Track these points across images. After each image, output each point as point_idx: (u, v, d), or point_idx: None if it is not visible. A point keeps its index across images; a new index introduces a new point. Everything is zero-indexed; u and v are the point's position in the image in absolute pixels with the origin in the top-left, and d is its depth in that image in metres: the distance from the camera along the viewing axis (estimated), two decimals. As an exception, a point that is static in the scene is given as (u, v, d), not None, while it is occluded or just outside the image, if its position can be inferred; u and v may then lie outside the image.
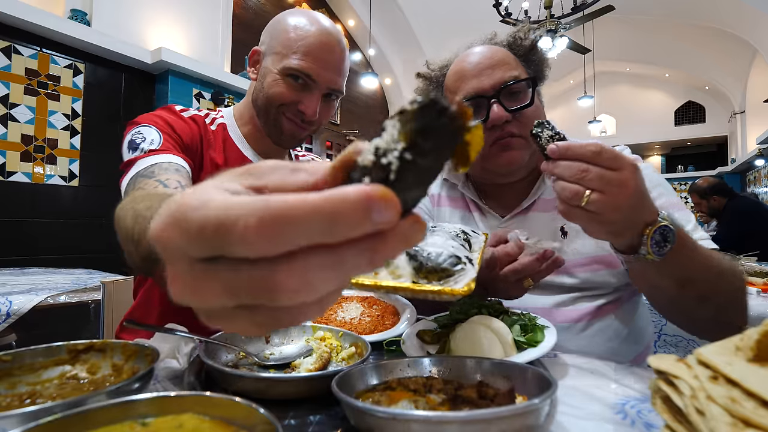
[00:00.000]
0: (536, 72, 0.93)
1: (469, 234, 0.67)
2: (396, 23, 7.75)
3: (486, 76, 0.87)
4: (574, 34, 6.44)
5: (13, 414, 0.34)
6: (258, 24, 6.00)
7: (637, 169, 0.57)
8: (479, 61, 0.89)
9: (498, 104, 0.85)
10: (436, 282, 0.45)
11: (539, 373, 0.46)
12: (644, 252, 0.60)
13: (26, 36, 3.17)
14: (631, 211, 0.57)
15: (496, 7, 4.97)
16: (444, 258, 0.47)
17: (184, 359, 0.59)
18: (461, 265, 0.47)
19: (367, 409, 0.39)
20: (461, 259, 0.48)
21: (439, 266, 0.46)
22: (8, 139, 3.05)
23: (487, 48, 0.91)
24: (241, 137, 1.00)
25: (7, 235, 2.97)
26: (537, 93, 0.91)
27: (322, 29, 0.90)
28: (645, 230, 0.59)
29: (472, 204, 1.03)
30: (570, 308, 0.88)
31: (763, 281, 1.69)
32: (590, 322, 0.87)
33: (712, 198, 3.75)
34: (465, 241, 0.61)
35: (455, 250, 0.50)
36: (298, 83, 0.89)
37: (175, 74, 3.97)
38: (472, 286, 0.43)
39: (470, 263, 0.49)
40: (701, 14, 7.20)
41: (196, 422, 0.36)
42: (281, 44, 0.90)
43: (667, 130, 11.33)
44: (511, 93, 0.87)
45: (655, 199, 0.79)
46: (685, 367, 0.33)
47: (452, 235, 0.60)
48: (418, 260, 0.46)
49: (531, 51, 0.92)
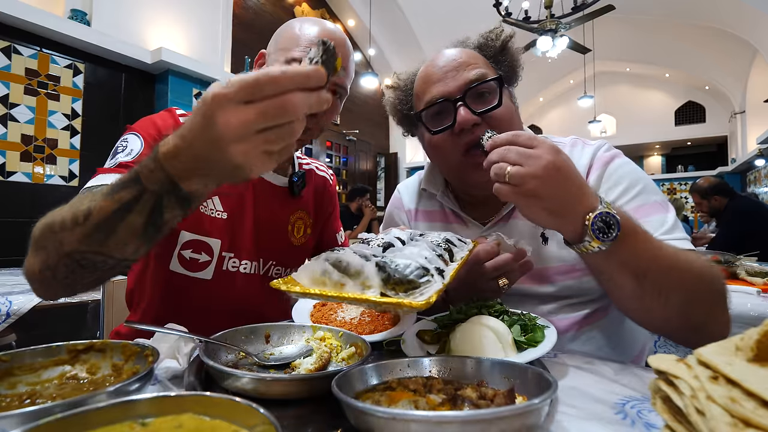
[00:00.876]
0: (507, 73, 0.89)
1: (454, 243, 0.68)
2: (396, 23, 7.74)
3: (451, 78, 0.84)
4: (574, 34, 6.44)
5: (13, 414, 0.34)
6: (258, 24, 5.99)
7: (556, 150, 0.60)
8: (444, 64, 0.86)
9: (464, 107, 0.81)
10: (402, 293, 0.46)
11: (539, 373, 0.46)
12: (588, 239, 0.60)
13: (26, 36, 3.17)
14: (557, 188, 0.59)
15: (496, 7, 4.97)
16: (411, 270, 0.48)
17: (184, 359, 0.59)
18: (428, 277, 0.48)
19: (367, 409, 0.39)
20: (429, 271, 0.49)
21: (406, 278, 0.47)
22: (8, 139, 3.05)
23: (455, 50, 0.89)
24: None
25: (7, 235, 2.97)
26: (509, 93, 0.88)
27: (326, 28, 0.92)
28: (585, 217, 0.60)
29: (452, 214, 1.00)
30: (557, 318, 0.87)
31: (763, 281, 1.69)
32: (579, 331, 0.86)
33: (713, 198, 3.75)
34: (446, 250, 0.62)
35: (426, 262, 0.51)
36: None
37: (175, 74, 3.97)
38: (431, 300, 0.44)
39: (439, 275, 0.50)
40: (701, 14, 7.20)
41: (196, 422, 0.36)
42: (286, 40, 0.90)
43: (667, 130, 11.33)
44: (478, 94, 0.83)
45: (633, 198, 0.80)
46: (685, 367, 0.33)
47: (433, 245, 0.60)
48: (387, 271, 0.47)
49: (501, 52, 0.89)
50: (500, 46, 0.89)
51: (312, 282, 0.51)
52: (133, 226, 0.53)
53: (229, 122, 0.43)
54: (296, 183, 1.01)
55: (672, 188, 9.93)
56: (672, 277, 0.64)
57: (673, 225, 0.77)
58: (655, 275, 0.64)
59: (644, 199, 0.81)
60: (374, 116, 8.93)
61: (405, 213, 1.09)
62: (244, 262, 0.95)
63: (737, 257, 1.99)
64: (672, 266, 0.65)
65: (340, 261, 0.50)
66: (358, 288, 0.48)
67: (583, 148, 0.91)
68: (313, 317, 0.81)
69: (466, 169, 0.86)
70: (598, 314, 0.87)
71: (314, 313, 0.83)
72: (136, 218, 0.53)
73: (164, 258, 0.89)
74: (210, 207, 0.90)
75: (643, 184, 0.82)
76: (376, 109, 9.01)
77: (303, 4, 7.05)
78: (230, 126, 0.43)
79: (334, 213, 1.20)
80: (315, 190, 1.13)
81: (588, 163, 0.87)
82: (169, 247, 0.88)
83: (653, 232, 0.70)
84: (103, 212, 0.53)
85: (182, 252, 0.88)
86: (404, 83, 0.99)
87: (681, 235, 0.75)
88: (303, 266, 0.53)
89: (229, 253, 0.93)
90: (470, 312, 0.70)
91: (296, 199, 1.04)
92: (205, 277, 0.91)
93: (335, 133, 7.69)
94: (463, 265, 0.63)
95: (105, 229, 0.54)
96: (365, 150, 8.60)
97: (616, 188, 0.82)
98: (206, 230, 0.89)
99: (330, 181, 1.20)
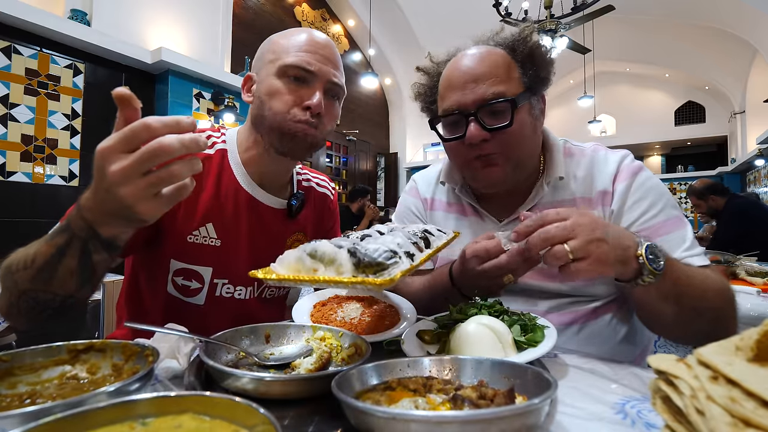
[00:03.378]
0: (534, 79, 0.87)
1: (432, 233, 0.69)
2: (396, 23, 7.74)
3: (469, 90, 0.83)
4: (574, 34, 6.44)
5: (13, 414, 0.34)
6: (258, 24, 5.99)
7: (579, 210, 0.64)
8: (466, 70, 0.85)
9: (476, 122, 0.82)
10: (372, 275, 0.49)
11: (539, 373, 0.46)
12: (646, 273, 0.63)
13: (26, 36, 3.17)
14: (611, 236, 0.62)
15: (496, 7, 4.97)
16: (380, 253, 0.51)
17: (184, 359, 0.59)
18: (395, 259, 0.51)
19: (367, 409, 0.39)
20: (397, 253, 0.52)
21: (375, 261, 0.50)
22: (8, 139, 3.05)
23: (480, 53, 0.87)
24: (240, 164, 0.94)
25: (7, 235, 2.97)
26: (528, 107, 0.86)
27: (310, 32, 0.91)
28: (636, 253, 0.63)
29: (470, 208, 1.01)
30: (564, 312, 0.87)
31: (763, 281, 1.69)
32: (584, 324, 0.87)
33: (710, 198, 3.82)
34: (422, 239, 0.64)
35: (396, 247, 0.54)
36: (296, 82, 0.86)
37: (175, 74, 3.97)
38: (395, 278, 0.47)
39: (408, 257, 0.53)
40: (701, 14, 7.20)
41: (195, 422, 0.36)
42: (273, 52, 0.89)
43: (667, 130, 11.32)
44: (493, 112, 0.83)
45: (659, 213, 0.84)
46: (685, 367, 0.33)
47: (409, 235, 0.63)
48: (357, 256, 0.50)
49: (529, 58, 0.87)
50: (527, 51, 0.87)
51: (288, 270, 0.54)
52: (69, 267, 0.60)
53: (113, 171, 0.49)
54: (294, 206, 0.99)
55: (672, 188, 9.93)
56: (706, 299, 0.70)
57: (693, 241, 0.82)
58: (691, 299, 0.69)
59: (668, 213, 0.84)
60: (374, 116, 8.93)
61: (421, 201, 1.10)
62: (239, 288, 0.94)
63: (737, 257, 1.99)
64: (705, 289, 0.70)
65: (316, 250, 0.53)
66: (331, 272, 0.51)
67: (607, 154, 0.93)
68: (313, 317, 0.81)
69: (472, 170, 0.89)
70: (606, 308, 0.88)
71: (314, 313, 0.83)
72: (71, 261, 0.60)
73: (160, 281, 0.89)
74: (203, 234, 0.88)
75: (666, 199, 0.86)
76: (376, 109, 9.01)
77: (303, 5, 7.05)
78: (115, 174, 0.49)
79: (335, 227, 1.17)
80: (314, 209, 1.10)
81: (614, 171, 0.89)
82: (162, 273, 0.89)
83: (676, 248, 0.79)
84: (43, 256, 0.60)
85: (174, 279, 0.89)
86: (434, 70, 0.97)
87: (699, 251, 0.81)
88: (280, 257, 0.56)
89: (223, 279, 0.91)
90: (470, 312, 0.70)
91: (294, 221, 1.02)
92: (197, 302, 0.91)
93: (335, 133, 7.69)
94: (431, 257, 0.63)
95: (47, 270, 0.61)
96: (365, 150, 8.61)
97: (643, 201, 0.85)
98: (195, 258, 0.88)
99: (331, 196, 1.16)
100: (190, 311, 0.91)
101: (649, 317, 0.77)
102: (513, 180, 0.89)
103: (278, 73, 0.86)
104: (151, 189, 0.51)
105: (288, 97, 0.85)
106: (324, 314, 0.82)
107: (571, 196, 0.91)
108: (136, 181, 0.49)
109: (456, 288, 0.83)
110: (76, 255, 0.59)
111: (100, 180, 0.51)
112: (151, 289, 0.91)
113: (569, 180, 0.91)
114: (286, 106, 0.85)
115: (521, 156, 0.86)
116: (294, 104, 0.85)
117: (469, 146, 0.85)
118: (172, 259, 0.88)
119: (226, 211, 0.90)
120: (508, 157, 0.85)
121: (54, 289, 0.62)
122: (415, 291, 0.95)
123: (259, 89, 0.89)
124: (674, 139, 11.40)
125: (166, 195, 0.53)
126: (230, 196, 0.91)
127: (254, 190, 0.95)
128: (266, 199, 0.97)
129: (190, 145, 0.49)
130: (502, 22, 5.06)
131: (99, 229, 0.57)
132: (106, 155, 0.50)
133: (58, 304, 0.65)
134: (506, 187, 0.91)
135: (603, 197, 0.88)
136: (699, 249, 0.81)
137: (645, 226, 0.83)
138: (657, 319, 0.75)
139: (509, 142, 0.83)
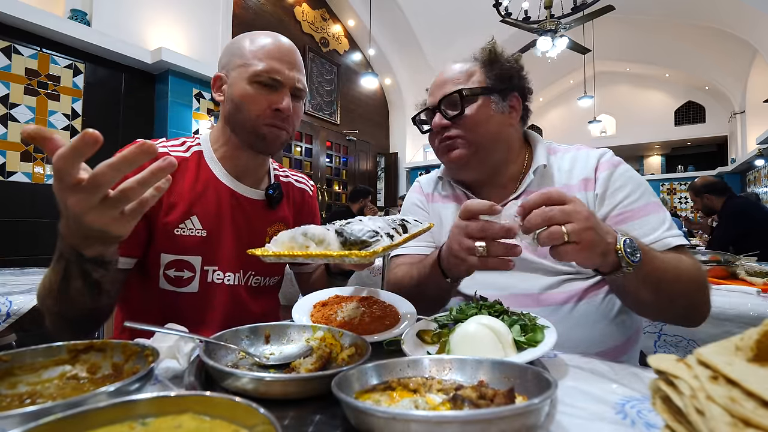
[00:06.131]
0: (495, 80, 1.01)
1: (409, 222, 0.74)
2: (396, 23, 7.74)
3: (438, 89, 1.03)
4: (574, 34, 6.44)
5: (13, 414, 0.34)
6: (258, 24, 6.00)
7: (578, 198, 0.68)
8: (439, 78, 1.05)
9: (439, 114, 1.01)
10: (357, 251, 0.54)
11: (539, 373, 0.46)
12: (625, 265, 0.69)
13: (26, 36, 3.17)
14: (599, 229, 0.67)
15: (496, 7, 4.97)
16: (364, 232, 0.56)
17: (184, 359, 0.59)
18: (377, 237, 0.56)
19: (367, 409, 0.39)
20: (378, 233, 0.57)
21: (359, 239, 0.55)
22: (8, 139, 3.05)
23: (453, 65, 1.05)
24: (216, 161, 1.01)
25: (7, 235, 2.97)
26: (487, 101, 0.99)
27: (275, 37, 0.98)
28: (616, 247, 0.69)
29: (465, 197, 1.09)
30: (557, 291, 0.92)
31: (763, 281, 1.69)
32: (577, 303, 0.91)
33: (705, 196, 3.87)
34: (400, 225, 0.70)
35: (378, 228, 0.59)
36: (266, 88, 0.94)
37: (175, 74, 3.97)
38: (377, 251, 0.53)
39: (388, 237, 0.59)
40: (701, 14, 7.20)
41: (195, 422, 0.36)
42: (241, 57, 0.95)
43: (667, 130, 11.33)
44: (451, 104, 0.99)
45: (638, 198, 0.92)
46: (685, 367, 0.33)
47: (388, 222, 0.68)
48: (344, 236, 0.56)
49: (490, 65, 1.02)
50: (488, 59, 1.03)
51: (282, 248, 0.59)
52: (77, 288, 0.66)
53: (73, 204, 0.53)
54: (272, 196, 1.05)
55: (672, 188, 9.94)
56: (679, 284, 0.77)
57: (671, 223, 0.90)
58: (666, 285, 0.76)
59: (647, 199, 0.93)
60: (374, 116, 8.93)
61: (424, 196, 1.21)
62: (228, 274, 0.99)
63: (737, 257, 1.98)
64: (678, 276, 0.77)
65: (306, 232, 0.58)
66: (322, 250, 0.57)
67: (588, 151, 1.04)
68: (313, 317, 0.81)
69: (440, 155, 1.05)
70: (597, 287, 0.92)
71: (314, 313, 0.83)
72: (76, 282, 0.65)
73: (152, 279, 0.93)
74: (189, 227, 0.94)
75: (645, 187, 0.95)
76: (376, 109, 9.01)
77: (303, 5, 7.05)
78: (75, 206, 0.53)
79: (314, 221, 1.22)
80: (294, 203, 1.16)
81: (595, 163, 0.99)
82: (154, 270, 0.93)
83: (657, 228, 0.88)
84: (55, 282, 0.66)
85: (167, 272, 0.93)
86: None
87: (677, 232, 0.89)
88: (275, 238, 0.61)
89: (212, 266, 0.96)
90: (470, 312, 0.70)
91: (274, 211, 1.08)
92: (191, 290, 0.95)
93: (335, 133, 7.69)
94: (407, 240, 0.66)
95: (63, 292, 0.66)
96: (365, 150, 8.61)
97: (625, 188, 0.94)
98: (184, 249, 0.93)
99: (309, 192, 1.23)
100: (185, 302, 0.94)
101: (631, 304, 0.85)
102: (478, 163, 1.00)
103: (249, 79, 0.93)
104: (113, 211, 0.55)
105: (259, 101, 0.94)
106: (324, 314, 0.82)
107: (555, 184, 1.01)
108: (97, 207, 0.54)
109: (440, 268, 0.84)
110: (78, 276, 0.65)
111: (65, 212, 0.56)
112: (144, 287, 0.95)
113: (553, 170, 1.02)
114: (258, 109, 0.94)
115: (480, 140, 0.98)
116: (266, 108, 0.94)
117: (437, 134, 1.03)
118: (162, 253, 0.92)
119: (208, 203, 0.96)
120: (467, 140, 0.98)
121: (77, 307, 0.69)
122: (404, 274, 1.00)
123: (231, 92, 0.96)
124: (674, 139, 11.41)
125: (130, 210, 0.58)
126: (210, 189, 0.98)
127: (233, 183, 1.01)
128: (245, 191, 1.03)
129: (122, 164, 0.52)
130: (502, 22, 5.07)
131: (83, 251, 0.62)
132: (61, 191, 0.53)
133: (88, 317, 0.73)
134: (476, 172, 1.03)
135: (585, 184, 0.97)
136: (677, 230, 0.89)
137: (628, 208, 0.92)
138: (638, 305, 0.85)
139: (466, 126, 0.98)
